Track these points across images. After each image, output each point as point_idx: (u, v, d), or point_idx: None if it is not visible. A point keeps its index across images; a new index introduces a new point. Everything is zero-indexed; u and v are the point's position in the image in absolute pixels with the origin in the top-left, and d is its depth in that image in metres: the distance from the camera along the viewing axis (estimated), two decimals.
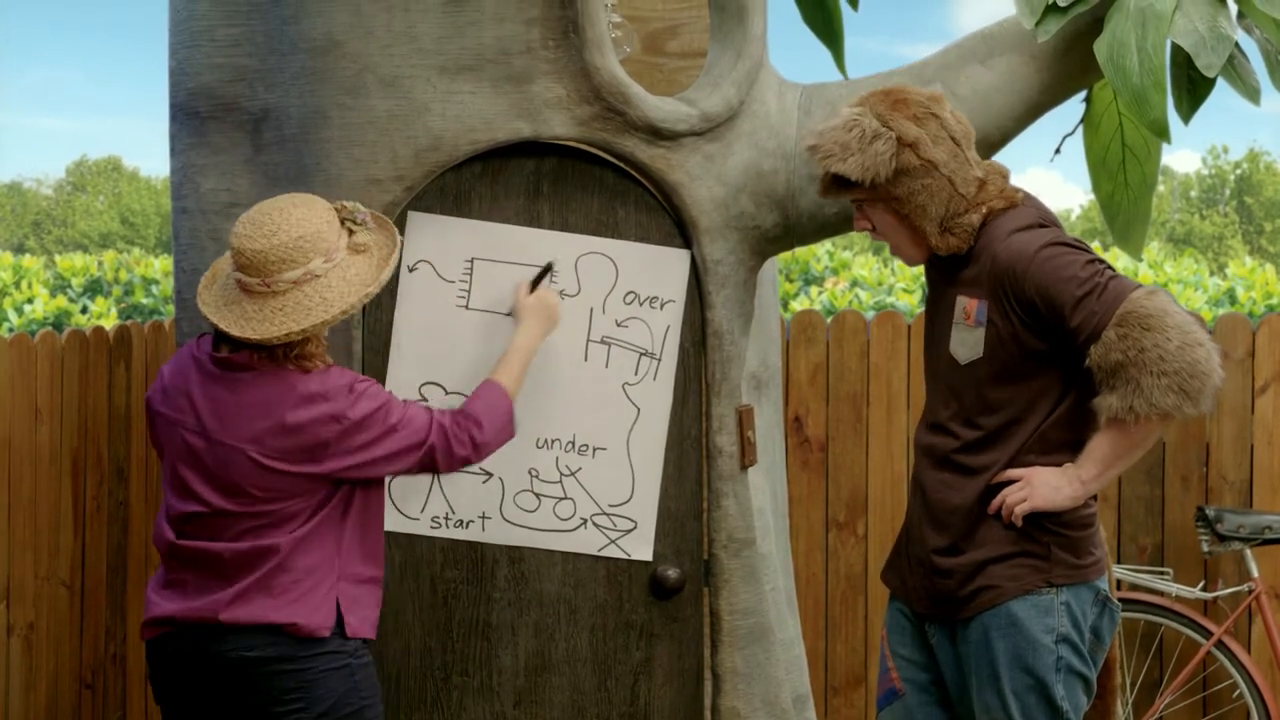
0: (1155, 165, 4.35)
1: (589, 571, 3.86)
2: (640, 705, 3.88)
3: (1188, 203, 49.76)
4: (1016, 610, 3.42)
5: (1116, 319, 3.27)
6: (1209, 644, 5.18)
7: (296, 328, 3.26)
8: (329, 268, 3.31)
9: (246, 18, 3.83)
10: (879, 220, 3.53)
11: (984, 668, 3.44)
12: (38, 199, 53.35)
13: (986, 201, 3.47)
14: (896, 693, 3.63)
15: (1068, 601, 3.43)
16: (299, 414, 3.29)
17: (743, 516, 3.92)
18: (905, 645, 3.63)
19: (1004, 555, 3.43)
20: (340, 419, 3.30)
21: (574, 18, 3.64)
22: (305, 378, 3.32)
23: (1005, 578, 3.43)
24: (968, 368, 3.44)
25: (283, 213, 3.31)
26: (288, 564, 3.32)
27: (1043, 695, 3.42)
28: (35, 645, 4.65)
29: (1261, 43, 3.90)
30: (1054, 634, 3.42)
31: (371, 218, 3.44)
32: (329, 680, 3.32)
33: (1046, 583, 3.42)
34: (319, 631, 3.32)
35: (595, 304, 3.82)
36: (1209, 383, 3.26)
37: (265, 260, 3.27)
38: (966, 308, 3.44)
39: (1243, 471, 5.37)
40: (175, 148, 3.99)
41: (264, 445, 3.29)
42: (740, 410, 3.92)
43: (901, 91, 3.50)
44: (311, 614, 3.32)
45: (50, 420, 4.69)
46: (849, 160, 3.41)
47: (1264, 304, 14.45)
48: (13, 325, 15.53)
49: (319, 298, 3.29)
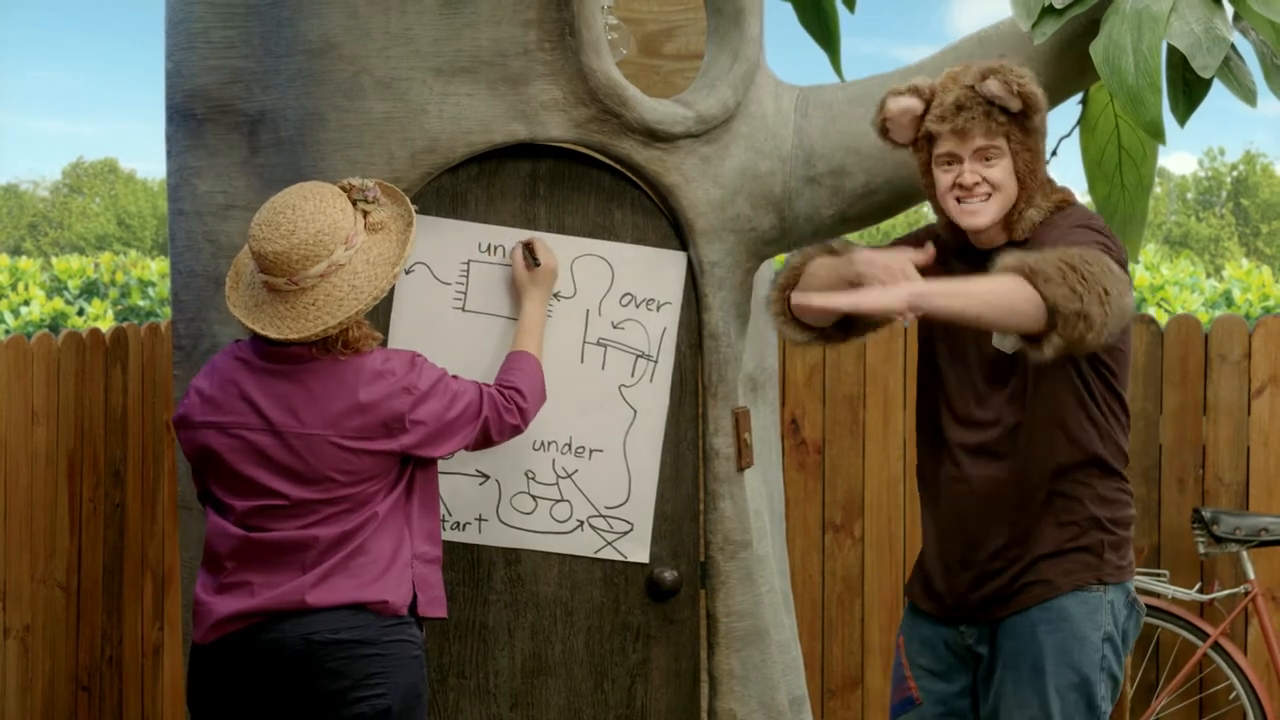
0: (1151, 167, 4.35)
1: (585, 573, 3.86)
2: (637, 707, 3.88)
3: (1184, 205, 49.82)
4: (1068, 606, 3.39)
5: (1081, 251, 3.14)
6: (1205, 645, 5.18)
7: (333, 322, 3.29)
8: (351, 254, 3.34)
9: (243, 20, 3.83)
10: (1002, 169, 3.38)
11: (1026, 662, 3.40)
12: (34, 201, 53.34)
13: (1061, 194, 3.45)
14: (913, 701, 3.59)
15: (1112, 600, 3.42)
16: (371, 391, 3.32)
17: (739, 518, 3.93)
18: (925, 655, 3.58)
19: (1058, 551, 3.40)
20: (411, 390, 3.35)
21: (570, 20, 3.64)
22: (367, 357, 3.36)
23: (1058, 572, 3.40)
24: (1014, 358, 3.38)
25: (296, 209, 3.31)
26: (367, 546, 3.35)
27: (1084, 694, 3.39)
28: (31, 647, 4.65)
29: (1257, 44, 3.91)
30: (1101, 631, 3.40)
31: (380, 189, 3.46)
32: (408, 666, 3.36)
33: (1098, 580, 3.40)
34: (401, 609, 3.36)
35: (592, 306, 3.82)
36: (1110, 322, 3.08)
37: (288, 260, 3.28)
38: None
39: (1239, 473, 5.37)
40: (172, 150, 3.99)
41: (342, 427, 3.31)
42: (737, 412, 3.92)
43: None
44: (395, 591, 3.36)
45: (46, 422, 4.69)
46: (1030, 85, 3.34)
47: (1260, 306, 14.46)
48: (9, 327, 15.52)
49: (348, 286, 3.31)
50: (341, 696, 3.30)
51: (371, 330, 3.41)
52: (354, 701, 3.30)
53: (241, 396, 3.36)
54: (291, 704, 3.33)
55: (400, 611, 3.36)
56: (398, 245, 3.41)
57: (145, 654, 5.24)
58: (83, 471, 4.86)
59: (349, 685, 3.30)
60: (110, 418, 5.00)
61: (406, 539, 3.41)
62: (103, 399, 4.96)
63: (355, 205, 3.40)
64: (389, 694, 3.31)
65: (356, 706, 3.30)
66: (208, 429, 3.38)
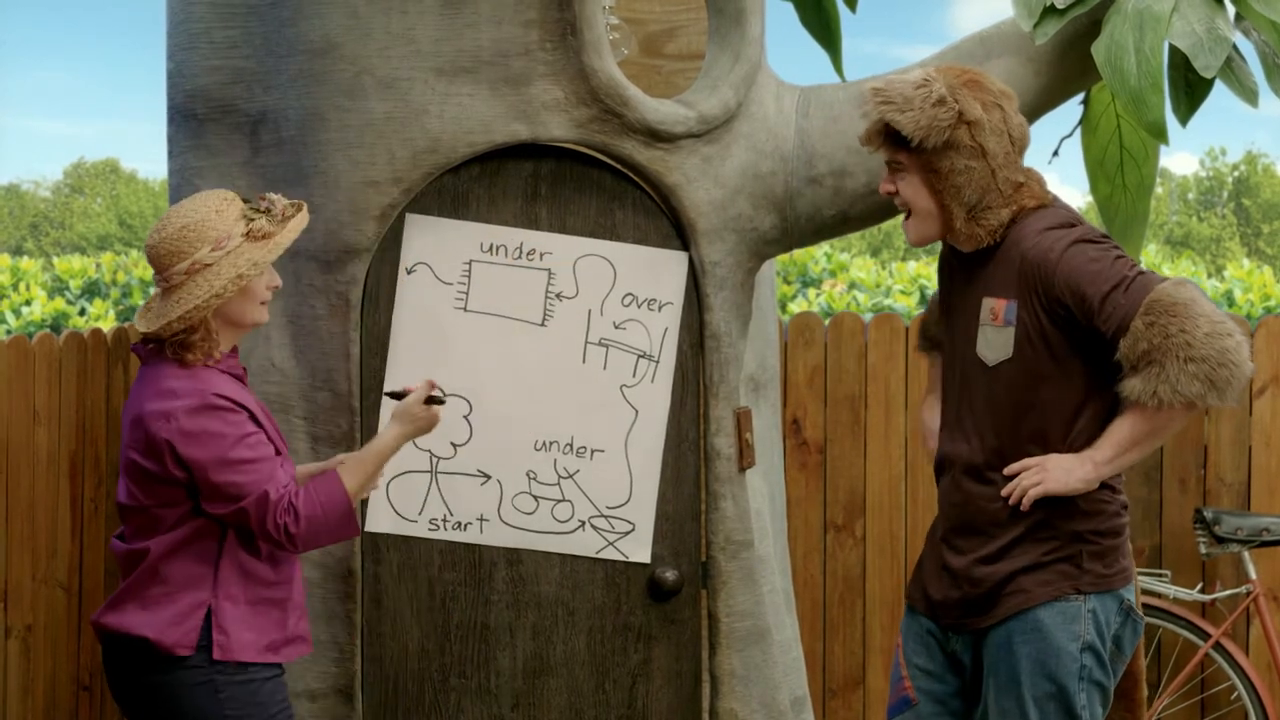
0: (1153, 167, 4.35)
1: (587, 573, 3.86)
2: (638, 707, 3.88)
3: (1185, 205, 49.80)
4: (1043, 616, 3.39)
5: (1144, 308, 3.23)
6: (1207, 646, 5.18)
7: (173, 315, 3.17)
8: (219, 256, 3.19)
9: (244, 20, 3.83)
10: (909, 187, 3.46)
11: (1004, 673, 3.41)
12: (36, 201, 53.33)
13: (1019, 201, 3.44)
14: (910, 702, 3.59)
15: (1094, 609, 3.41)
16: (149, 406, 3.19)
17: (740, 518, 3.92)
18: (922, 656, 3.59)
19: (1037, 564, 3.40)
20: (170, 418, 3.15)
21: (572, 20, 3.64)
22: (173, 373, 3.20)
23: (1034, 584, 3.40)
24: (996, 370, 3.41)
25: (177, 207, 3.26)
26: (161, 572, 3.21)
27: (1063, 704, 3.39)
28: (33, 647, 4.65)
29: (1259, 45, 3.91)
30: (1079, 641, 3.40)
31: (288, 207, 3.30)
32: (190, 696, 3.20)
33: (1075, 590, 3.40)
34: (176, 649, 3.18)
35: (593, 306, 3.82)
36: (1238, 373, 3.23)
37: (157, 255, 3.23)
38: (994, 308, 3.41)
39: (1240, 473, 5.37)
40: (173, 150, 3.99)
41: (129, 436, 3.23)
42: (738, 412, 3.92)
43: (979, 75, 3.47)
44: (171, 629, 3.19)
45: (48, 422, 4.69)
46: (906, 114, 3.36)
47: (1261, 306, 14.47)
48: (11, 327, 15.52)
49: (205, 287, 3.18)
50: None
51: (211, 349, 3.23)
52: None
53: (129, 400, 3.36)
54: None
55: (175, 652, 3.18)
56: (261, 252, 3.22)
57: None
58: (84, 471, 4.87)
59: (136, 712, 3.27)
60: (112, 418, 5.00)
61: (211, 574, 3.21)
62: (104, 399, 4.96)
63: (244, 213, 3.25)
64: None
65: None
66: None
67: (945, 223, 3.46)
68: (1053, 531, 3.40)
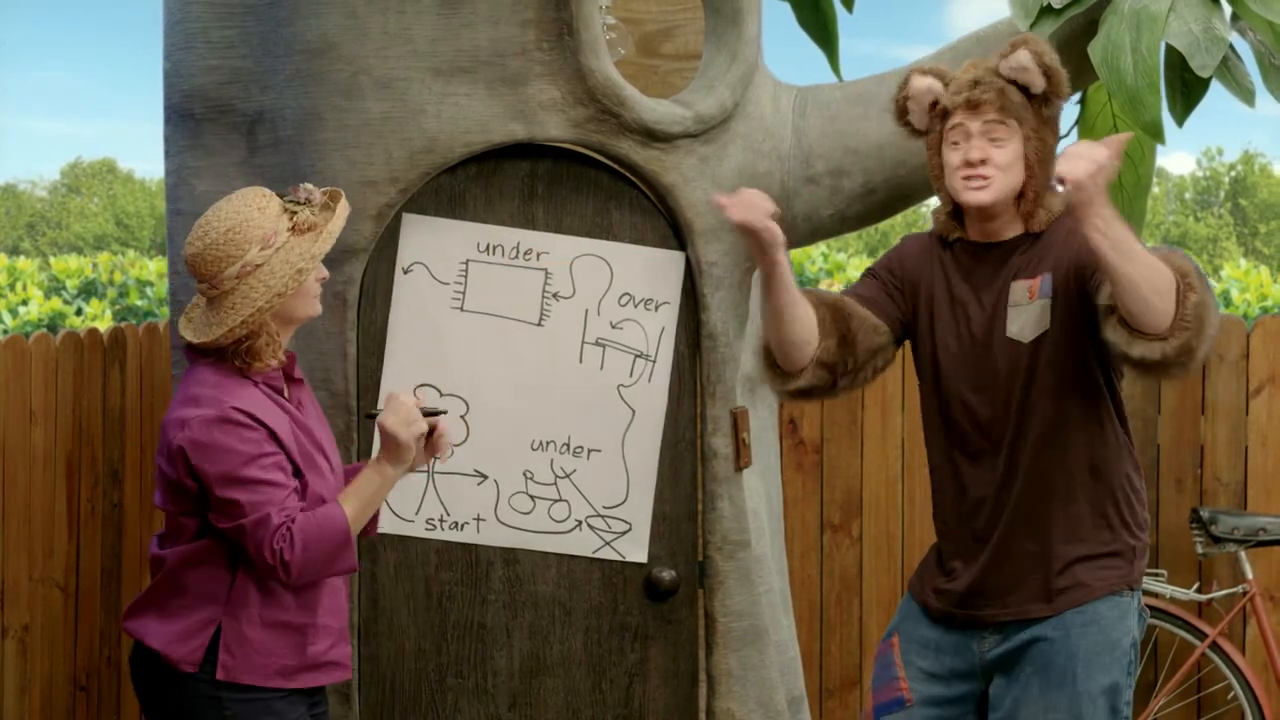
0: (1150, 167, 4.35)
1: (584, 573, 3.86)
2: (635, 707, 3.88)
3: (1182, 205, 49.83)
4: (1101, 610, 3.36)
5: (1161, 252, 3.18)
6: (1203, 646, 5.18)
7: (235, 321, 3.09)
8: (269, 254, 3.09)
9: (241, 20, 3.83)
10: (1010, 151, 3.35)
11: (1056, 666, 3.36)
12: (32, 201, 53.32)
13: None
14: (904, 702, 3.49)
15: (1136, 607, 3.42)
16: (174, 412, 3.12)
17: (737, 518, 3.93)
18: (926, 658, 3.50)
19: (1092, 555, 3.37)
20: (186, 426, 3.06)
21: (569, 20, 3.64)
22: (202, 379, 3.13)
23: (1093, 577, 3.37)
24: (1034, 345, 3.33)
25: (215, 210, 3.14)
26: (179, 582, 3.16)
27: (1111, 699, 3.36)
28: (29, 648, 4.64)
29: (1255, 44, 3.91)
30: (1130, 636, 3.39)
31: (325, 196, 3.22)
32: (196, 710, 3.15)
33: (1128, 585, 3.39)
34: (182, 665, 3.13)
35: (590, 306, 3.82)
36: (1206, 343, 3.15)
37: (203, 262, 3.10)
38: (1030, 287, 3.34)
39: (1237, 473, 5.37)
40: (170, 150, 3.99)
41: (160, 439, 3.17)
42: (735, 412, 3.92)
43: None
44: (178, 644, 3.14)
45: (45, 422, 4.68)
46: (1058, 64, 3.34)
47: (1258, 306, 14.47)
48: (7, 327, 15.52)
49: (263, 288, 3.08)
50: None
51: (276, 351, 3.16)
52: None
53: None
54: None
55: (180, 668, 3.13)
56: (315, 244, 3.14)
57: None
58: (81, 472, 4.86)
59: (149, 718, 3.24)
60: (108, 418, 5.00)
61: (222, 592, 3.14)
62: (101, 399, 4.96)
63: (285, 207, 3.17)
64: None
65: None
66: None
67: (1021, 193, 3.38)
68: (1110, 521, 3.38)
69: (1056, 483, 3.37)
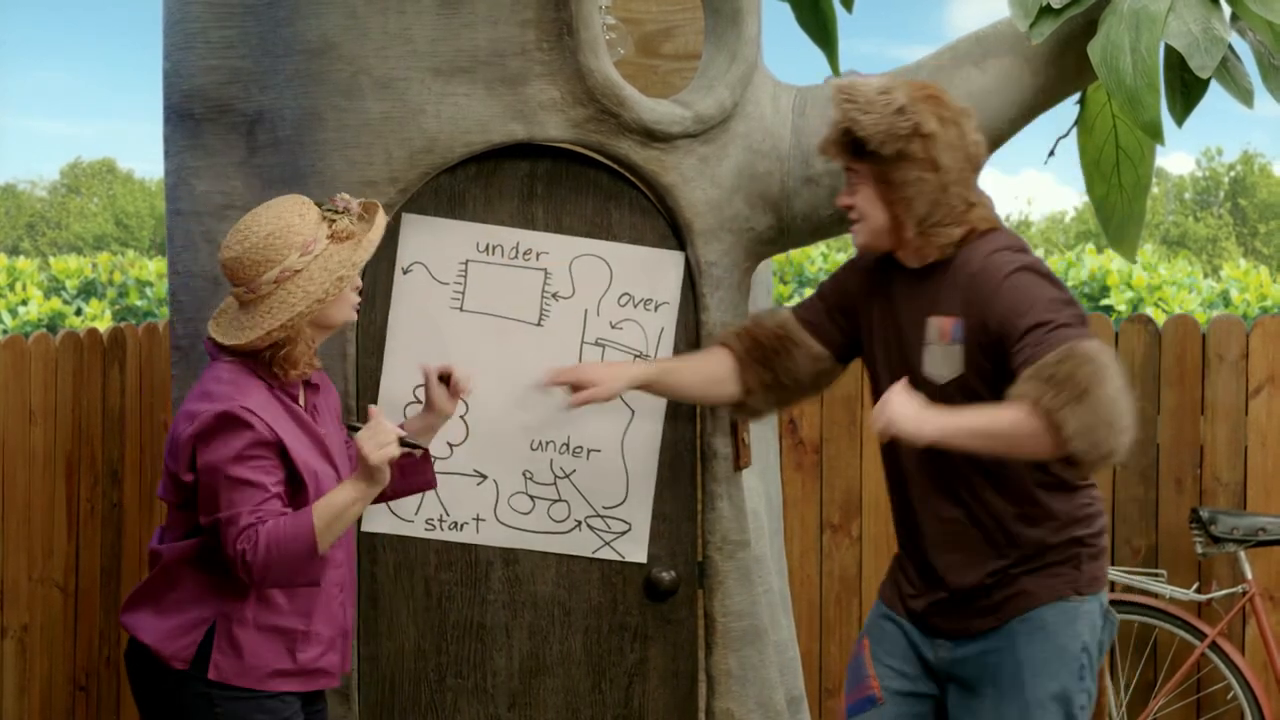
0: (1149, 167, 4.35)
1: (583, 573, 3.86)
2: (634, 707, 3.88)
3: (1182, 205, 49.80)
4: (1047, 616, 3.38)
5: (1064, 349, 3.15)
6: (1203, 646, 5.18)
7: (275, 324, 3.13)
8: (308, 261, 3.16)
9: (241, 20, 3.82)
10: (863, 197, 3.44)
11: (1006, 676, 3.39)
12: (32, 201, 53.29)
13: (971, 221, 3.41)
14: (874, 701, 3.54)
15: (1089, 611, 3.41)
16: (186, 405, 3.16)
17: (737, 518, 3.92)
18: (894, 656, 3.55)
19: (1036, 567, 3.39)
20: (194, 419, 3.10)
21: (568, 20, 3.64)
22: (217, 377, 3.16)
23: (1037, 585, 3.39)
24: (947, 388, 3.37)
25: (254, 215, 3.20)
26: (174, 577, 3.19)
27: (1064, 705, 3.38)
28: (29, 647, 4.64)
29: (1255, 45, 3.91)
30: (1079, 641, 3.39)
31: (361, 206, 3.31)
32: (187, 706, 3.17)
33: (1075, 591, 3.40)
34: (173, 661, 3.16)
35: (590, 306, 3.82)
36: (1113, 444, 3.12)
37: (241, 266, 3.16)
38: (942, 327, 3.38)
39: (1236, 473, 5.37)
40: (169, 150, 3.99)
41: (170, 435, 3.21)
42: None
43: (938, 91, 3.46)
44: (170, 640, 3.16)
45: (44, 422, 4.69)
46: (868, 116, 3.35)
47: (1258, 306, 14.47)
48: (7, 327, 15.52)
49: (301, 293, 3.15)
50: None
51: (312, 359, 3.23)
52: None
53: None
54: None
55: (171, 664, 3.16)
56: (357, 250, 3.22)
57: None
58: (80, 471, 4.86)
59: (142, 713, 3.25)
60: (108, 418, 5.00)
61: (218, 591, 3.16)
62: (100, 399, 4.96)
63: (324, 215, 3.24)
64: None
65: None
66: None
67: (897, 235, 3.44)
68: (1056, 540, 3.39)
69: (982, 505, 3.40)
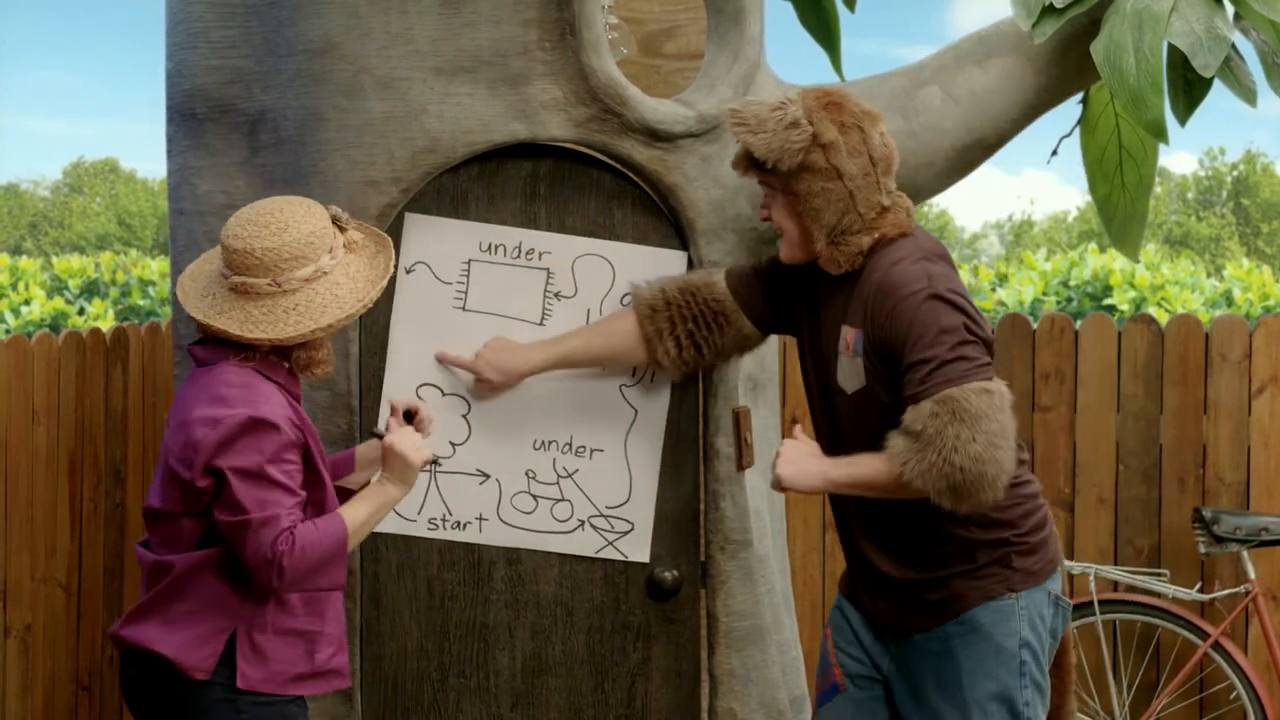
0: (1152, 166, 4.35)
1: (586, 573, 3.86)
2: (637, 707, 3.88)
3: (1184, 204, 49.78)
4: (980, 617, 3.39)
5: (940, 397, 3.19)
6: (1206, 645, 5.18)
7: (319, 324, 3.16)
8: (334, 264, 3.23)
9: (243, 19, 3.83)
10: (776, 209, 3.47)
11: (944, 678, 3.41)
12: (35, 200, 53.31)
13: (881, 228, 3.40)
14: (837, 688, 3.58)
15: (1026, 606, 3.41)
16: (197, 411, 3.11)
17: (739, 518, 3.93)
18: (852, 643, 3.59)
19: (966, 570, 3.40)
20: (215, 425, 3.07)
21: (571, 19, 3.64)
22: (229, 380, 3.14)
23: (967, 586, 3.40)
24: (854, 397, 3.40)
25: (284, 210, 3.20)
26: (185, 589, 3.15)
27: (1006, 703, 3.38)
28: (32, 647, 4.65)
29: (1258, 44, 3.91)
30: (1017, 638, 3.39)
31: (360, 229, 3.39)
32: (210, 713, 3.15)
33: (1008, 589, 3.40)
34: (194, 672, 3.12)
35: (592, 305, 3.82)
36: (980, 496, 3.18)
37: (278, 258, 3.15)
38: (847, 338, 3.39)
39: (1239, 473, 5.37)
40: (172, 150, 3.99)
41: (169, 439, 3.16)
42: (737, 412, 3.92)
43: (840, 96, 3.44)
44: (192, 651, 3.13)
45: (47, 421, 4.69)
46: (758, 136, 3.36)
47: (1261, 305, 14.46)
48: (10, 327, 15.53)
49: (330, 295, 3.19)
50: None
51: (330, 357, 3.29)
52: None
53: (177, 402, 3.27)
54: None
55: (193, 675, 3.12)
56: (369, 265, 3.29)
57: None
58: (83, 471, 4.87)
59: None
60: (111, 417, 5.00)
61: (237, 598, 3.15)
62: (103, 399, 4.96)
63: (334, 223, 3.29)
64: None
65: None
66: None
67: (807, 246, 3.45)
68: (976, 539, 3.39)
69: (895, 512, 3.40)
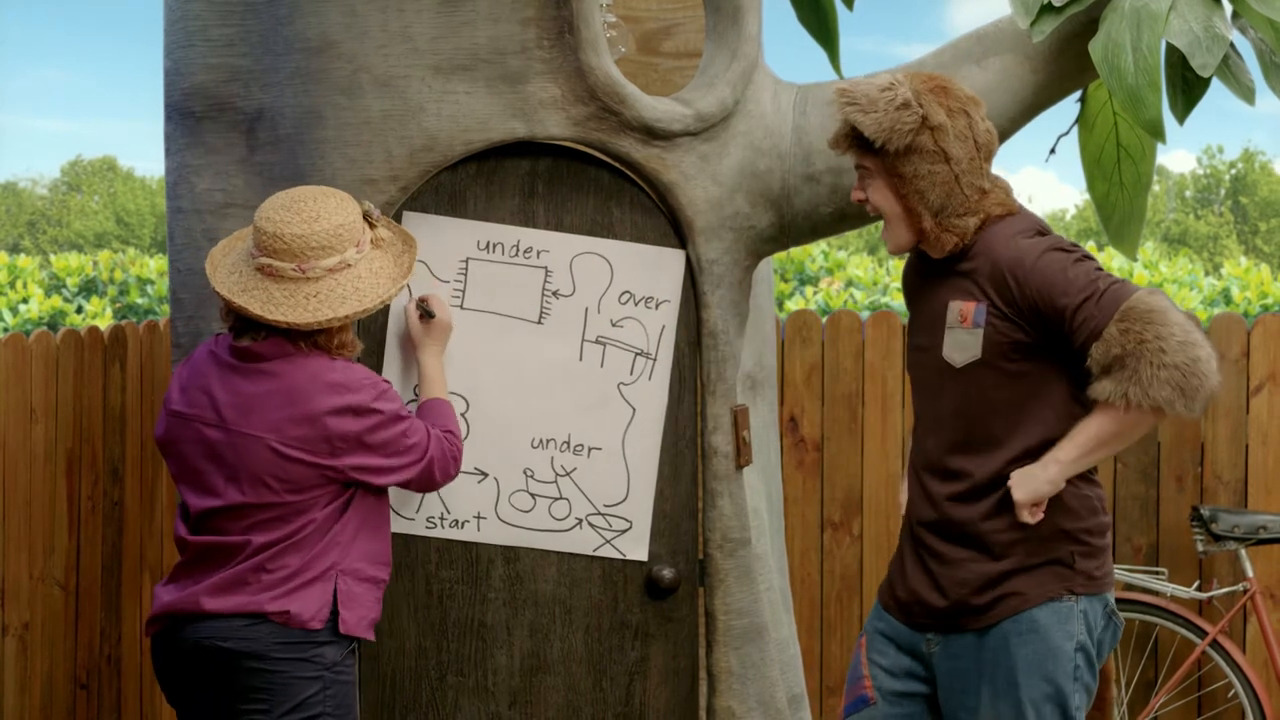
0: (1150, 165, 4.35)
1: (584, 571, 3.86)
2: (635, 705, 3.88)
3: (1183, 202, 49.80)
4: (1039, 617, 3.38)
5: (1119, 315, 3.24)
6: (1204, 644, 5.19)
7: (337, 314, 3.30)
8: (359, 258, 3.37)
9: (241, 18, 3.83)
10: (876, 194, 3.47)
11: (1000, 676, 3.39)
12: (33, 199, 53.30)
13: (986, 209, 3.44)
14: (867, 701, 3.56)
15: (1085, 610, 3.41)
16: (320, 403, 3.30)
17: (738, 516, 3.93)
18: (886, 656, 3.57)
19: (1028, 566, 3.40)
20: (360, 412, 3.31)
21: (569, 18, 3.64)
22: (329, 367, 3.34)
23: (1029, 585, 3.39)
24: (965, 371, 3.41)
25: (318, 200, 3.35)
26: (283, 558, 3.31)
27: (1059, 705, 3.38)
28: (30, 645, 4.65)
29: (1256, 43, 3.91)
30: (1074, 641, 3.39)
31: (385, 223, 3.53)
32: (300, 686, 3.29)
33: (1068, 591, 3.40)
34: (311, 624, 3.30)
35: (590, 304, 3.82)
36: (1206, 384, 3.23)
37: (305, 245, 3.30)
38: (963, 310, 3.41)
39: (1238, 471, 5.37)
40: (170, 148, 3.99)
41: (284, 434, 3.30)
42: (735, 410, 3.92)
43: (946, 81, 3.46)
44: (302, 603, 3.30)
45: (45, 420, 4.69)
46: (870, 116, 3.36)
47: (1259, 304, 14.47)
48: (8, 325, 15.52)
49: (351, 287, 3.33)
50: (229, 708, 3.31)
51: (356, 339, 3.44)
52: (238, 714, 3.30)
53: (203, 390, 3.38)
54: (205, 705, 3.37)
55: (308, 625, 3.30)
56: (394, 263, 3.44)
57: (144, 652, 5.24)
58: (81, 469, 4.86)
59: (234, 695, 3.30)
60: (109, 416, 5.00)
61: (335, 553, 3.36)
62: (101, 397, 4.96)
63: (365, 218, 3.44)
64: (270, 712, 3.27)
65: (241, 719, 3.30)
66: (173, 417, 3.43)
67: (914, 228, 3.46)
68: (1043, 532, 3.39)
69: (987, 497, 3.41)
